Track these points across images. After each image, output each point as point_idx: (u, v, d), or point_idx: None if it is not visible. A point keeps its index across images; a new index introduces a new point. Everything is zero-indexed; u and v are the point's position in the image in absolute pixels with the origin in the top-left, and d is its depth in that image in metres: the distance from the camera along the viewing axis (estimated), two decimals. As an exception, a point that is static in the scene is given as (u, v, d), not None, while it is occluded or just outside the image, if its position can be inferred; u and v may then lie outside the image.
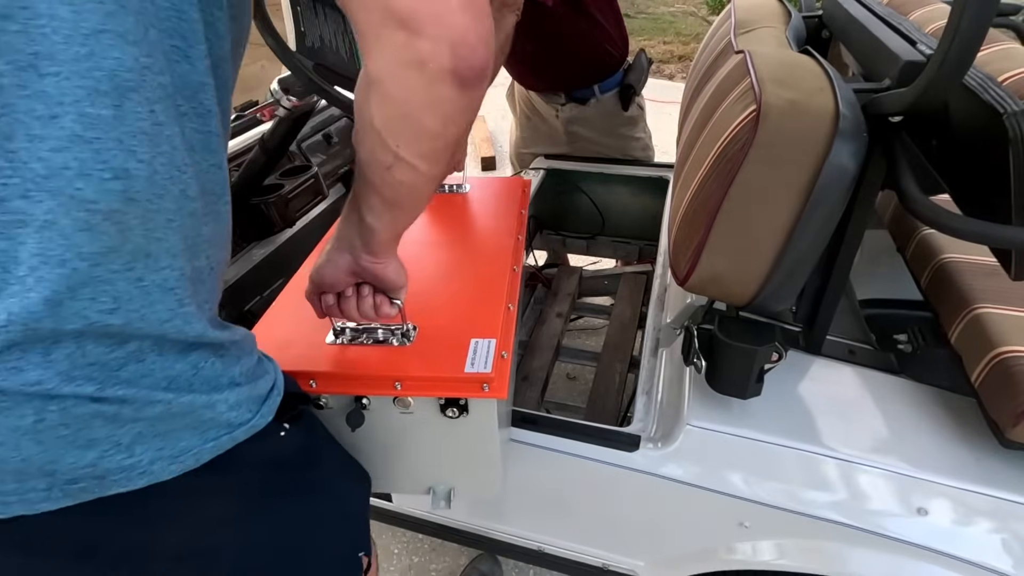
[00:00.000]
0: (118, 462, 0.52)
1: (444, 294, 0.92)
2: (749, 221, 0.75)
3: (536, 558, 1.25)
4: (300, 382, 0.77)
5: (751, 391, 0.87)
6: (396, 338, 0.83)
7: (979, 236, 0.66)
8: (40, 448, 0.48)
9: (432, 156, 0.60)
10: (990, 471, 0.82)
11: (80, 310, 0.47)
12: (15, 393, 0.46)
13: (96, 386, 0.49)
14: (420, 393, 0.79)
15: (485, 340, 0.81)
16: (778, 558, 0.93)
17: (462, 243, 1.08)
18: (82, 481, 0.51)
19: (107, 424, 0.50)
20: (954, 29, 0.58)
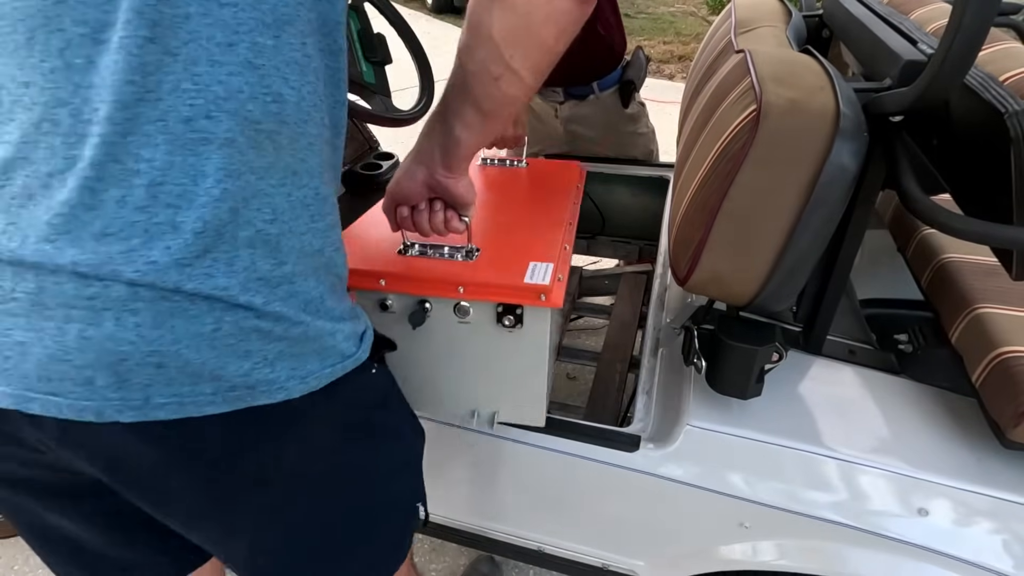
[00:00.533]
0: (264, 375, 0.57)
1: (505, 229, 0.99)
2: (749, 221, 0.75)
3: (536, 558, 1.25)
4: (370, 281, 0.86)
5: (751, 391, 0.87)
6: (461, 255, 0.88)
7: (980, 236, 0.66)
8: (214, 354, 0.54)
9: (539, 70, 0.65)
10: (991, 472, 0.82)
11: (251, 219, 0.54)
12: (205, 298, 0.52)
13: (263, 299, 0.55)
14: (480, 297, 0.84)
15: (543, 263, 0.86)
16: (778, 558, 0.92)
17: (521, 200, 1.15)
18: (238, 389, 0.56)
19: (261, 339, 0.56)
20: (955, 28, 0.58)
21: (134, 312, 0.51)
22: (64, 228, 0.50)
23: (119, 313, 0.51)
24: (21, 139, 0.50)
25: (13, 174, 0.51)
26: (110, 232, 0.50)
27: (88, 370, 0.52)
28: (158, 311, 0.52)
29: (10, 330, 0.52)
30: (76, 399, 0.53)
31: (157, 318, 0.52)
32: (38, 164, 0.50)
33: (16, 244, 0.51)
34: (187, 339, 0.53)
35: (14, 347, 0.52)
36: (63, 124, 0.50)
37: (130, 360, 0.52)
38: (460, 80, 0.69)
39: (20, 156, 0.51)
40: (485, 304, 0.86)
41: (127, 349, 0.52)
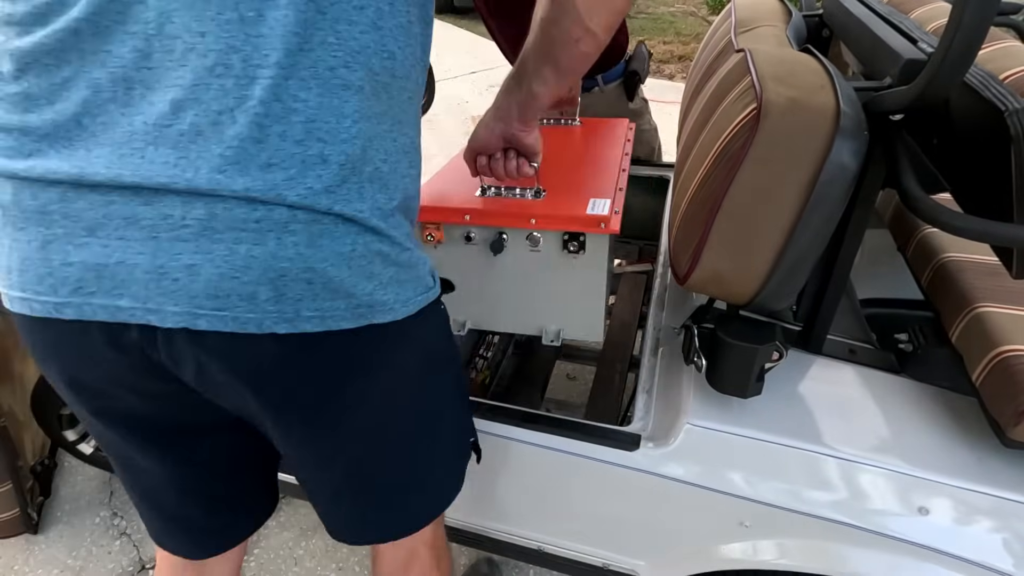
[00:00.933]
0: (380, 296, 0.66)
1: (567, 173, 1.14)
2: (750, 219, 0.75)
3: (536, 558, 1.24)
4: (457, 216, 1.03)
5: (752, 390, 0.87)
6: (531, 194, 1.05)
7: (980, 234, 0.66)
8: (349, 272, 0.63)
9: (611, 28, 0.76)
10: (991, 470, 0.82)
11: (372, 157, 0.63)
12: (347, 220, 0.62)
13: (384, 224, 0.65)
14: (549, 227, 1.00)
15: (602, 199, 1.02)
16: (779, 558, 0.92)
17: (579, 151, 1.31)
18: (362, 308, 0.65)
19: (381, 262, 0.66)
20: (956, 26, 0.58)
21: (292, 232, 0.60)
22: (234, 159, 0.58)
23: (280, 234, 0.59)
24: (193, 82, 0.57)
25: (183, 113, 0.57)
26: (274, 163, 0.58)
27: (252, 285, 0.60)
28: (311, 232, 0.60)
29: (179, 255, 0.59)
30: (241, 312, 0.60)
31: (310, 238, 0.60)
32: (208, 103, 0.57)
33: (190, 175, 0.57)
34: (332, 257, 0.62)
35: (183, 270, 0.59)
36: (235, 68, 0.57)
37: (288, 275, 0.60)
38: (541, 46, 0.81)
39: (191, 97, 0.57)
40: (553, 233, 1.02)
41: (286, 265, 0.60)
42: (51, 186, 0.59)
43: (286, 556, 1.61)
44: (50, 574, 1.59)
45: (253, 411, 0.71)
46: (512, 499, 1.16)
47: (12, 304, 0.64)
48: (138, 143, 0.58)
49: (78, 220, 0.59)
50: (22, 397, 1.63)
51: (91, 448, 1.74)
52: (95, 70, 0.58)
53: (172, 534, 0.88)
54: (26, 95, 0.60)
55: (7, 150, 0.60)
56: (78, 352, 0.65)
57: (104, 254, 0.59)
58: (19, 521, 1.59)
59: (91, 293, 0.60)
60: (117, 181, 0.58)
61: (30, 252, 0.61)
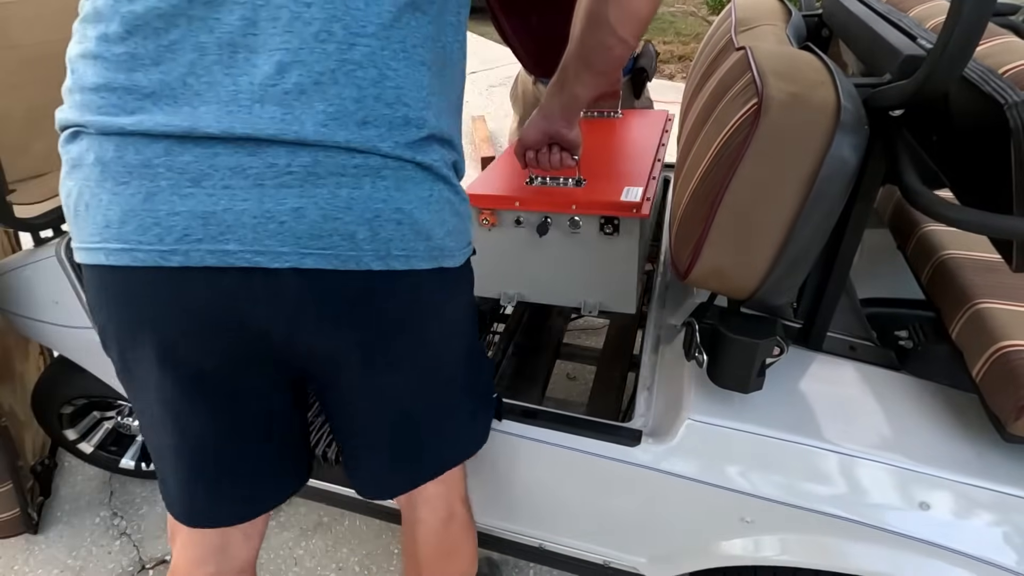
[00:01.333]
0: (447, 243, 0.76)
1: (606, 163, 1.29)
2: (750, 214, 0.75)
3: (536, 555, 1.24)
4: (509, 203, 1.18)
5: (753, 385, 0.87)
6: (572, 183, 1.19)
7: (980, 226, 0.66)
8: (429, 216, 0.72)
9: (639, 35, 0.89)
10: (992, 465, 0.82)
11: (439, 124, 0.73)
12: (426, 168, 0.71)
13: (451, 175, 0.76)
14: (588, 212, 1.14)
15: (635, 187, 1.15)
16: (780, 553, 0.92)
17: (618, 142, 1.45)
18: (435, 251, 0.75)
19: (449, 210, 0.76)
20: (954, 20, 0.58)
21: (383, 177, 0.68)
22: (335, 115, 0.65)
23: (374, 179, 0.68)
24: (299, 46, 0.64)
25: (287, 74, 0.64)
26: (368, 120, 0.67)
27: (353, 225, 0.68)
28: (399, 177, 0.69)
29: (284, 199, 0.65)
30: (343, 251, 0.68)
31: (398, 182, 0.69)
32: (311, 65, 0.64)
33: (297, 128, 0.64)
34: (415, 201, 0.71)
35: (289, 213, 0.65)
36: (337, 35, 0.64)
37: (381, 216, 0.69)
38: (579, 55, 0.96)
39: (296, 60, 0.64)
40: (591, 217, 1.15)
41: (380, 206, 0.68)
42: (156, 141, 0.64)
43: (286, 556, 1.60)
44: (50, 574, 1.58)
45: (335, 350, 0.77)
46: (513, 496, 1.16)
47: (108, 256, 0.67)
48: (244, 100, 0.64)
49: (183, 172, 0.64)
50: (23, 397, 1.63)
51: (91, 447, 1.73)
52: (202, 35, 0.64)
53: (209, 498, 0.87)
54: (132, 55, 0.64)
55: (111, 108, 0.65)
56: (177, 299, 0.69)
57: (211, 202, 0.64)
58: (19, 521, 1.59)
59: (198, 240, 0.65)
60: (229, 133, 0.63)
61: (134, 204, 0.65)
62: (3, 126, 1.24)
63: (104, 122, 0.65)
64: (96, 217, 0.66)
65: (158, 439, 0.84)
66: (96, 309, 0.74)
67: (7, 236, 1.59)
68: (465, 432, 0.95)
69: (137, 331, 0.73)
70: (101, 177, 0.65)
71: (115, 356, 0.77)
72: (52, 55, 1.38)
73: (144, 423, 0.84)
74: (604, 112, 1.63)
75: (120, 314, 0.72)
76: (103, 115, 0.65)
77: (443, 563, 1.04)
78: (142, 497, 1.77)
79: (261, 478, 0.89)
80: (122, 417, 1.72)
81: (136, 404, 0.82)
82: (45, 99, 1.39)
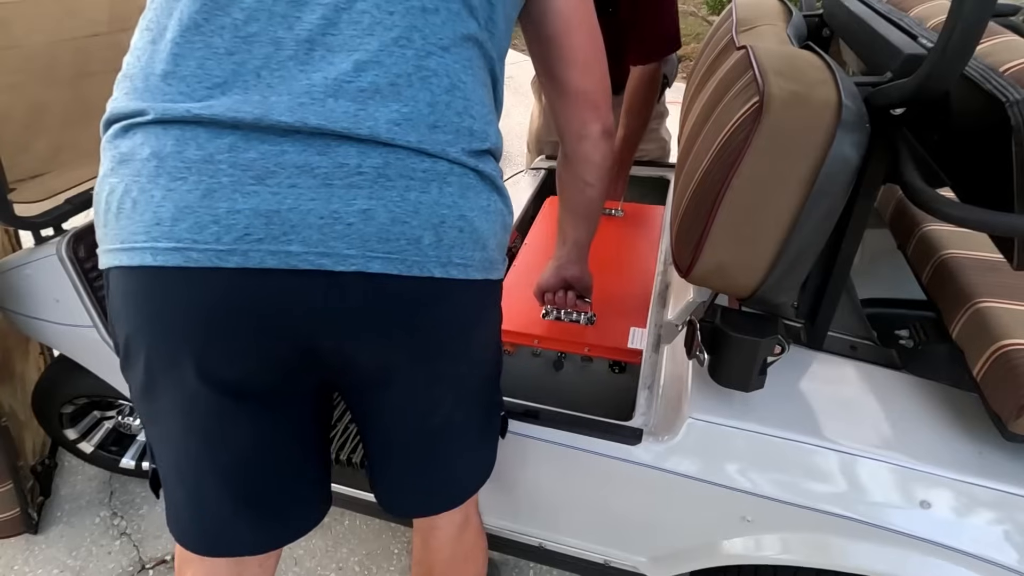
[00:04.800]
0: (496, 255, 0.78)
1: (612, 287, 1.39)
2: (752, 212, 0.75)
3: (537, 555, 1.24)
4: (528, 339, 1.28)
5: (754, 384, 0.87)
6: (584, 319, 1.29)
7: (981, 224, 0.66)
8: (487, 225, 0.74)
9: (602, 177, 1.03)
10: (993, 464, 0.82)
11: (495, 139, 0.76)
12: (486, 177, 0.74)
13: (502, 186, 0.78)
14: (598, 355, 1.25)
15: (640, 329, 1.26)
16: (781, 552, 0.92)
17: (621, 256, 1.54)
18: (487, 262, 0.76)
19: (500, 224, 0.77)
20: (955, 18, 0.58)
21: (449, 184, 0.69)
22: (408, 116, 0.66)
23: (440, 184, 0.68)
24: (379, 48, 0.65)
25: (364, 73, 0.65)
26: (439, 126, 0.68)
27: (419, 230, 0.67)
28: (463, 184, 0.70)
29: (353, 200, 0.64)
30: (408, 255, 0.67)
31: (462, 189, 0.70)
32: (389, 67, 0.66)
33: (371, 123, 0.64)
34: (476, 209, 0.72)
35: (357, 215, 0.64)
36: (416, 43, 0.67)
37: (447, 222, 0.69)
38: (564, 207, 1.14)
39: (374, 60, 0.65)
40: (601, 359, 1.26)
41: (446, 212, 0.69)
42: (221, 136, 0.62)
43: (286, 556, 1.60)
44: (50, 574, 1.58)
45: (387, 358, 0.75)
46: (513, 495, 1.16)
47: (157, 256, 0.62)
48: (318, 94, 0.63)
49: (247, 169, 0.62)
50: (23, 397, 1.62)
51: (92, 447, 1.73)
52: (280, 30, 0.64)
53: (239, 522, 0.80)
54: (207, 44, 0.64)
55: (178, 95, 0.63)
56: (225, 302, 0.65)
57: (275, 201, 0.62)
58: (19, 521, 1.59)
59: (259, 240, 0.62)
60: (302, 123, 0.62)
61: (190, 201, 0.61)
62: (4, 125, 1.24)
63: (168, 108, 0.63)
64: (145, 214, 0.62)
65: (180, 464, 0.76)
66: (123, 318, 0.68)
67: (7, 235, 1.59)
68: (486, 454, 0.94)
69: (173, 341, 0.67)
70: (155, 172, 0.62)
71: (139, 370, 0.70)
72: (53, 55, 1.38)
73: (162, 446, 0.77)
74: (607, 210, 1.72)
75: (155, 322, 0.67)
76: (168, 101, 0.63)
77: (458, 570, 1.02)
78: (142, 497, 1.77)
79: (294, 500, 0.84)
80: (122, 417, 1.72)
81: (155, 426, 0.75)
82: (46, 98, 1.40)
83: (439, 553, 0.99)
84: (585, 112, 0.94)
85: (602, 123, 0.96)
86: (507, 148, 4.24)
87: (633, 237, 1.61)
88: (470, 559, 1.03)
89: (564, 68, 0.91)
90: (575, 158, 1.00)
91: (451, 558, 1.00)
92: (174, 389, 0.70)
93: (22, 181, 1.27)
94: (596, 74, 0.92)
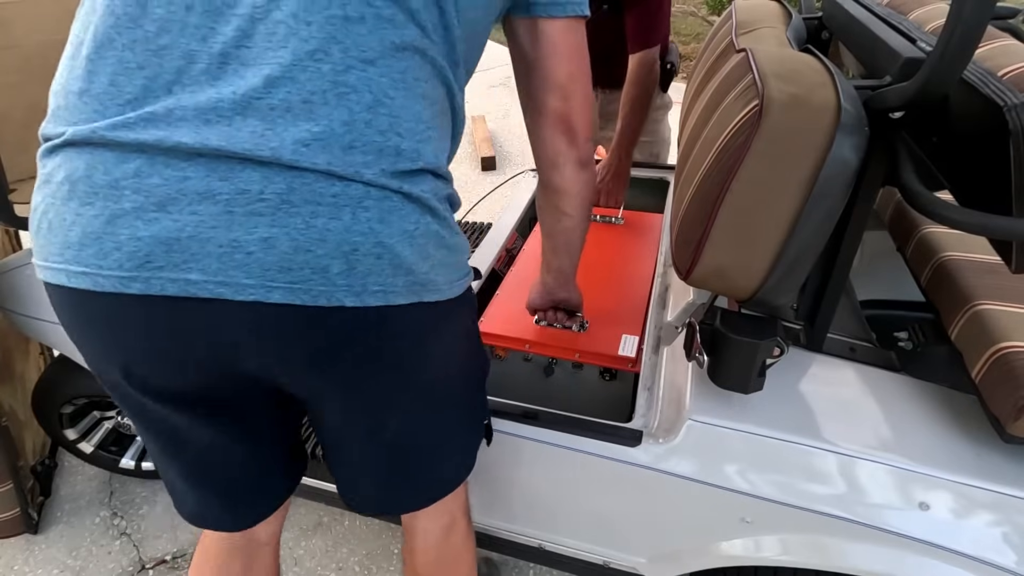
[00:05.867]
0: (432, 277, 0.72)
1: (606, 292, 1.38)
2: (751, 214, 0.76)
3: (536, 556, 1.25)
4: (520, 344, 1.26)
5: (753, 385, 0.87)
6: (576, 326, 1.27)
7: (980, 228, 0.66)
8: (411, 251, 0.68)
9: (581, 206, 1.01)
10: (991, 466, 0.82)
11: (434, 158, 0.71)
12: (414, 200, 0.68)
13: (441, 207, 0.72)
14: (589, 361, 1.24)
15: (632, 336, 1.23)
16: (780, 554, 0.93)
17: (619, 261, 1.53)
18: (416, 286, 0.70)
19: (436, 244, 0.71)
20: (955, 22, 0.59)
21: (366, 208, 0.64)
22: (320, 136, 0.62)
23: (355, 209, 0.64)
24: (292, 62, 0.62)
25: (275, 90, 0.61)
26: (355, 146, 0.63)
27: (326, 259, 0.63)
28: (383, 208, 0.65)
29: (255, 228, 0.61)
30: (313, 285, 0.64)
31: (382, 214, 0.65)
32: (303, 83, 0.62)
33: (275, 144, 0.61)
34: (398, 235, 0.67)
35: (258, 243, 0.61)
36: (334, 56, 0.62)
37: (360, 250, 0.64)
38: (545, 236, 1.11)
39: (287, 76, 0.61)
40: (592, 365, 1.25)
41: (359, 240, 0.64)
42: (127, 160, 0.61)
43: (286, 556, 1.60)
44: (50, 574, 1.58)
45: (310, 387, 0.75)
46: (513, 496, 1.16)
47: (71, 279, 0.64)
48: (226, 111, 0.61)
49: (149, 195, 0.61)
50: (23, 397, 1.63)
51: (91, 447, 1.73)
52: (194, 43, 0.62)
53: (223, 506, 0.88)
54: (119, 60, 0.62)
55: (93, 113, 0.62)
56: (138, 327, 0.66)
57: (175, 228, 0.61)
58: (19, 521, 1.59)
59: (159, 267, 0.61)
60: (202, 146, 0.60)
61: (96, 227, 0.61)
62: (3, 126, 1.24)
63: (78, 130, 0.62)
64: (59, 236, 0.63)
65: (154, 457, 0.84)
66: (67, 329, 0.71)
67: (7, 235, 1.59)
68: (455, 463, 0.94)
69: (104, 356, 0.71)
70: (68, 196, 0.63)
71: (96, 376, 0.75)
72: (53, 55, 1.39)
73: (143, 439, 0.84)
74: (607, 217, 1.72)
75: (89, 337, 0.70)
76: (81, 122, 0.63)
77: (444, 573, 1.03)
78: (142, 497, 1.77)
79: (259, 490, 0.90)
80: (122, 417, 1.72)
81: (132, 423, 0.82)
82: (46, 99, 1.40)
83: (424, 555, 1.01)
84: (559, 137, 0.90)
85: (578, 152, 0.91)
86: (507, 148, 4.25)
87: (631, 245, 1.61)
88: (457, 562, 1.03)
89: (544, 90, 0.87)
90: (550, 186, 0.97)
91: (436, 561, 1.01)
92: (123, 398, 0.74)
93: (22, 181, 1.27)
94: (576, 100, 0.88)
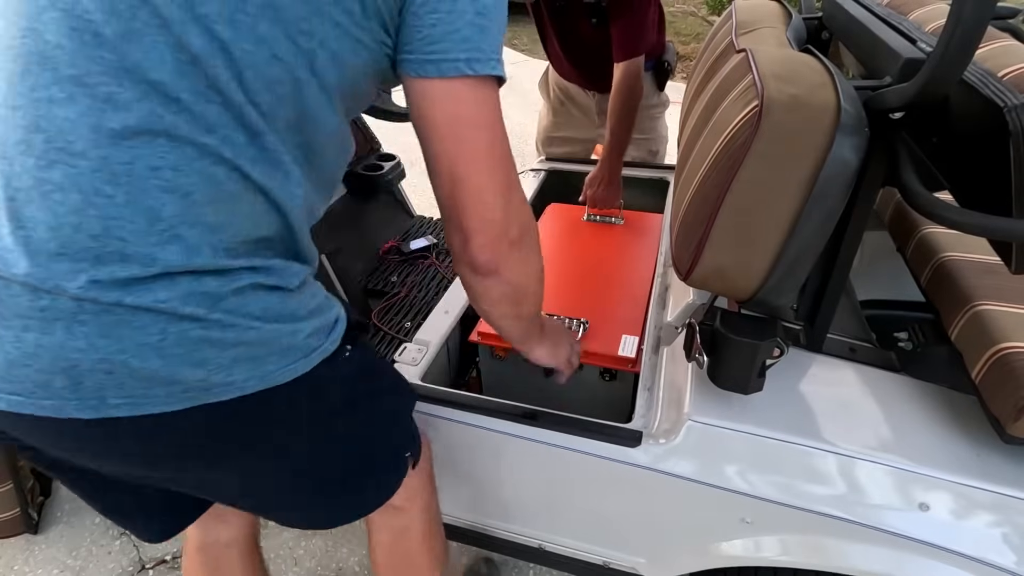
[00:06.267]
0: (221, 379, 0.62)
1: (606, 292, 1.40)
2: (752, 215, 0.76)
3: (536, 556, 1.25)
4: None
5: (753, 386, 0.87)
6: (574, 326, 1.27)
7: (980, 228, 0.66)
8: (163, 362, 0.59)
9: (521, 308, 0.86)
10: (991, 466, 0.82)
11: (186, 256, 0.59)
12: (147, 311, 0.57)
13: (212, 310, 0.60)
14: (589, 362, 1.22)
15: (632, 336, 1.23)
16: (780, 554, 0.93)
17: (619, 260, 1.53)
18: (192, 391, 0.61)
19: (212, 347, 0.61)
20: (955, 22, 0.59)
21: (82, 323, 0.56)
22: (23, 241, 0.55)
23: (69, 324, 0.56)
24: (0, 156, 0.55)
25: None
26: (64, 252, 0.55)
27: (45, 374, 0.57)
28: (103, 323, 0.57)
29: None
30: (37, 399, 0.58)
31: (104, 328, 0.57)
32: (9, 179, 0.55)
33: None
34: (133, 348, 0.58)
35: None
36: (36, 148, 0.54)
37: (81, 366, 0.57)
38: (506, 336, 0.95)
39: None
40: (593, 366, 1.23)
41: (77, 356, 0.57)
42: None
43: (286, 556, 1.61)
44: (50, 574, 1.58)
45: (142, 474, 0.75)
46: (512, 497, 1.16)
47: None
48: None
49: None
50: (23, 396, 1.63)
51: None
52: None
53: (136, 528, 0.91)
54: None
55: None
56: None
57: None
58: (19, 521, 1.59)
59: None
60: None
61: None
62: None
63: None
64: None
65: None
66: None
67: None
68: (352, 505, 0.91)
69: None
70: None
71: None
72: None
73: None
74: (607, 217, 1.71)
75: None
76: None
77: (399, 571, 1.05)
78: (142, 497, 1.77)
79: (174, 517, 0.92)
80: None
81: None
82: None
83: (375, 555, 1.04)
84: (452, 234, 0.73)
85: (471, 257, 0.73)
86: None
87: (631, 245, 1.61)
88: (408, 568, 1.05)
89: (431, 173, 0.70)
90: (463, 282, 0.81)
91: (386, 564, 1.04)
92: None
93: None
94: (465, 193, 0.69)
